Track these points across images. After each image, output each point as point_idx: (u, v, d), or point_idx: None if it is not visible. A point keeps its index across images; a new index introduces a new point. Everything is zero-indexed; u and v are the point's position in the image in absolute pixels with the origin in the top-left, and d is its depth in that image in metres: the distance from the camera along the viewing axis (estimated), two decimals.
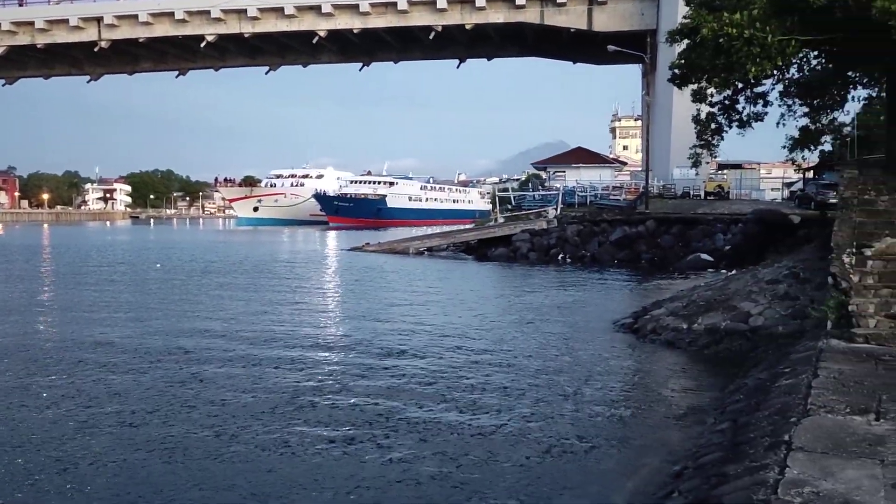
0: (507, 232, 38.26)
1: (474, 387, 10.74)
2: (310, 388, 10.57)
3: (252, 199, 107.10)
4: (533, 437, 8.48)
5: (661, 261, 32.23)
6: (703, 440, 8.12)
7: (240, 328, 15.80)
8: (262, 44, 71.64)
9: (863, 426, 6.60)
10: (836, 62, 16.15)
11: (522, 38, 69.28)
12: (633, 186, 51.65)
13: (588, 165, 60.19)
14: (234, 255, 40.96)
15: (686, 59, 16.83)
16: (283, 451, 7.93)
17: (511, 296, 22.52)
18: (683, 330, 14.47)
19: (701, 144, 19.52)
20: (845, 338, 10.57)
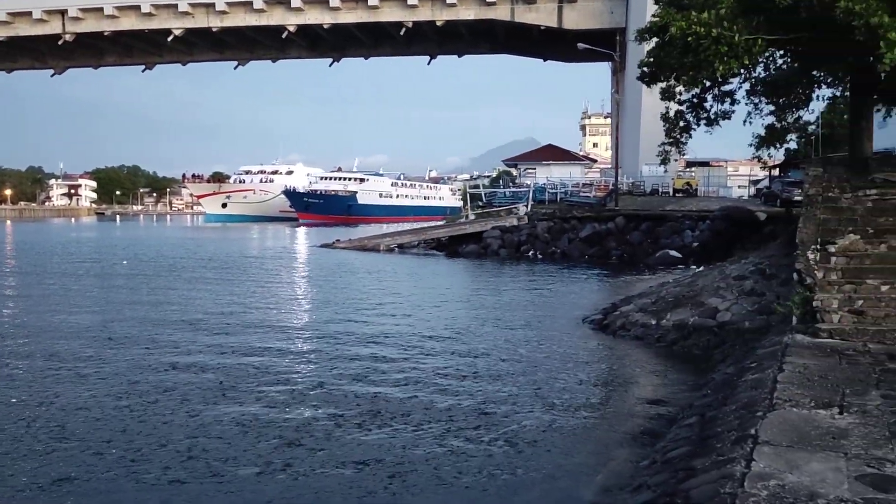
0: (478, 229, 38.32)
1: (444, 382, 10.74)
2: (273, 387, 10.48)
3: (220, 195, 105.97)
4: (502, 431, 8.50)
5: (631, 257, 32.52)
6: (672, 434, 8.20)
7: (205, 324, 15.62)
8: (231, 38, 70.92)
9: (827, 420, 6.71)
10: (802, 61, 16.40)
11: (493, 35, 69.44)
12: (602, 183, 52.06)
13: (558, 162, 60.53)
14: (203, 251, 40.51)
15: (655, 57, 16.97)
16: (243, 447, 7.87)
17: (481, 292, 22.56)
18: (652, 326, 14.62)
19: (669, 142, 19.70)
20: (810, 333, 10.74)
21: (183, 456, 7.66)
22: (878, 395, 7.48)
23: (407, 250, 39.09)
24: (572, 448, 8.02)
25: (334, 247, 42.20)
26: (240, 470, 7.30)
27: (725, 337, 13.41)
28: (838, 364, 9.03)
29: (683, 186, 50.48)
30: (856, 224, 13.18)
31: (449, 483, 7.02)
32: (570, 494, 6.80)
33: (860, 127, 16.60)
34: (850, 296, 11.49)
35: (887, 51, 12.04)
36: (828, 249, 12.52)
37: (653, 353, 13.20)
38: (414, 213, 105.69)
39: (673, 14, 14.66)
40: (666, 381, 11.16)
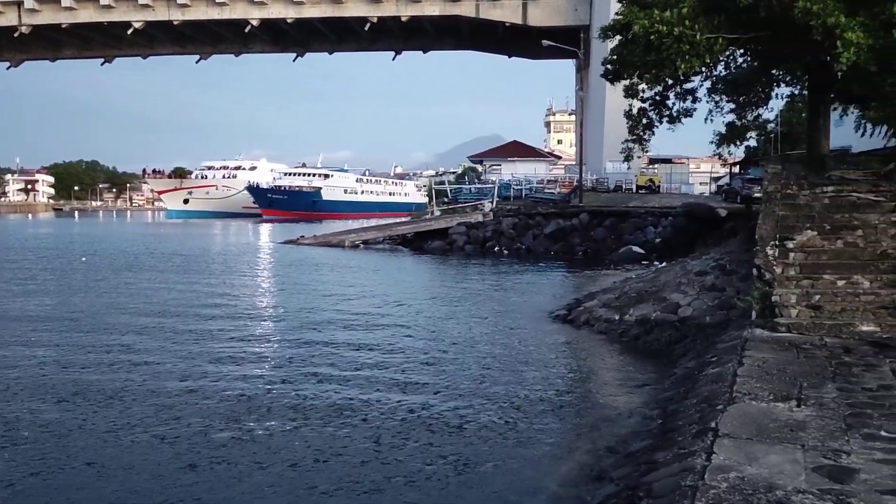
0: (444, 225, 38.33)
1: (409, 377, 10.73)
2: (229, 383, 10.37)
3: (182, 191, 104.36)
4: (468, 424, 8.52)
5: (595, 253, 32.80)
6: (634, 428, 8.30)
7: (164, 322, 15.40)
8: (193, 32, 69.84)
9: (785, 412, 6.83)
10: (761, 60, 16.66)
11: (458, 31, 69.43)
12: (567, 180, 52.41)
13: (523, 159, 60.82)
14: (163, 248, 39.89)
15: (618, 55, 17.11)
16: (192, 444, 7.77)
17: (447, 288, 22.58)
18: (615, 321, 14.76)
19: (632, 139, 19.88)
20: (769, 327, 10.94)
21: (131, 462, 7.53)
22: (835, 388, 7.64)
23: (372, 246, 38.96)
24: (537, 440, 8.06)
25: (298, 243, 41.86)
26: (196, 469, 7.21)
27: (687, 332, 13.60)
28: (796, 358, 9.21)
29: (646, 183, 51.12)
30: (813, 220, 13.44)
31: (414, 476, 7.02)
32: (534, 486, 6.83)
33: (818, 125, 16.94)
34: (808, 291, 11.72)
35: (844, 50, 12.30)
36: (786, 245, 12.76)
37: (616, 348, 13.34)
38: (379, 210, 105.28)
39: (636, 12, 14.78)
40: (629, 375, 11.27)
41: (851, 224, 13.16)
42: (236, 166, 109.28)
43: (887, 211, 13.30)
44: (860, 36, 12.29)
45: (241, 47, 73.50)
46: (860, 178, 14.38)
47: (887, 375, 8.20)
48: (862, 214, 13.35)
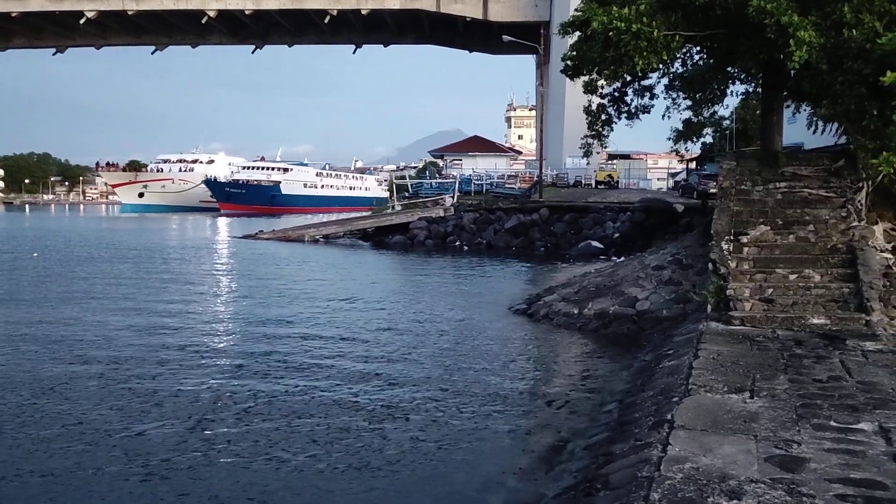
0: (405, 219, 38.26)
1: (367, 370, 10.69)
2: (180, 381, 10.23)
3: (137, 184, 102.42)
4: (426, 419, 8.52)
5: (555, 248, 33.06)
6: (593, 420, 8.38)
7: (116, 318, 15.12)
8: (148, 22, 68.49)
9: (738, 404, 6.97)
10: (717, 58, 16.90)
11: (419, 25, 69.26)
12: (527, 175, 52.73)
13: (484, 154, 61.06)
14: (118, 243, 39.10)
15: (578, 51, 17.19)
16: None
17: (407, 283, 22.55)
18: (574, 315, 14.89)
19: (592, 135, 20.02)
20: (723, 320, 11.15)
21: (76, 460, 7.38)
22: (786, 380, 7.82)
23: (332, 241, 38.73)
24: (496, 434, 8.09)
25: (257, 238, 41.41)
26: (147, 467, 7.10)
27: (644, 325, 13.81)
28: (749, 350, 9.40)
29: (605, 179, 51.72)
30: (766, 215, 13.73)
31: (374, 471, 6.99)
32: (493, 480, 6.86)
33: (771, 122, 17.25)
34: (761, 284, 11.98)
35: (796, 49, 12.55)
36: (740, 240, 13.02)
37: (575, 341, 13.46)
38: (339, 204, 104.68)
39: (595, 9, 14.88)
40: (587, 368, 11.38)
41: (803, 219, 13.48)
42: (193, 160, 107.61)
43: (837, 206, 13.65)
44: (812, 35, 12.55)
45: (197, 38, 72.35)
46: (812, 175, 14.71)
47: (837, 367, 8.42)
48: (813, 210, 13.68)
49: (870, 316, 10.75)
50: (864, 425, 6.26)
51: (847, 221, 13.14)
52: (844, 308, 11.16)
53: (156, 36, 71.54)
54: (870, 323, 10.61)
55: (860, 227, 13.02)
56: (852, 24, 12.61)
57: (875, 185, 14.18)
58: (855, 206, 13.47)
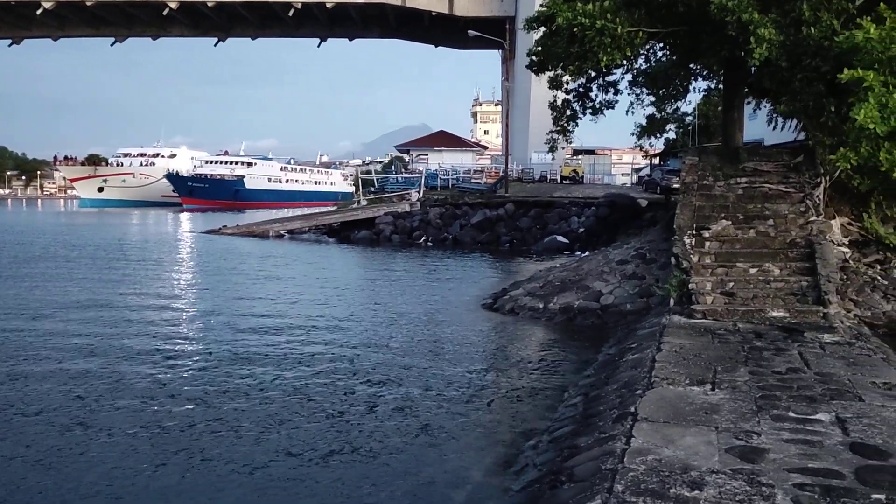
0: (371, 214, 38.10)
1: (333, 366, 10.63)
2: (144, 380, 10.08)
3: (96, 178, 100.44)
4: (391, 414, 8.50)
5: (520, 242, 33.21)
6: (558, 413, 8.44)
7: (73, 316, 14.83)
8: (107, 13, 67.17)
9: (700, 396, 7.07)
10: (679, 54, 17.11)
11: (384, 19, 68.97)
12: (493, 170, 52.90)
13: (450, 149, 61.05)
14: (76, 238, 38.35)
15: (543, 46, 17.27)
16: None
17: (373, 279, 22.47)
18: (540, 309, 14.98)
19: (557, 130, 20.12)
20: (686, 314, 11.30)
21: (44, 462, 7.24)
22: (747, 372, 7.95)
23: (297, 236, 38.41)
24: (462, 429, 8.11)
25: (221, 233, 40.91)
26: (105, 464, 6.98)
27: (609, 319, 13.94)
28: (711, 343, 9.54)
29: (570, 174, 52.12)
30: (728, 210, 13.95)
31: (337, 465, 6.96)
32: (459, 475, 6.87)
33: (732, 118, 17.51)
34: (723, 278, 12.17)
35: (756, 46, 12.75)
36: (702, 234, 13.20)
37: (540, 335, 13.54)
38: (304, 199, 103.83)
39: (560, 4, 14.96)
40: (552, 362, 11.44)
41: (763, 214, 13.73)
42: (154, 154, 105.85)
43: (796, 201, 13.91)
44: (772, 33, 12.77)
45: (158, 30, 71.16)
46: (771, 170, 14.98)
47: (795, 359, 8.58)
48: (773, 205, 13.93)
49: (827, 309, 10.98)
50: (821, 416, 6.39)
51: (805, 216, 13.40)
52: (803, 301, 11.38)
53: (115, 27, 70.17)
54: (827, 315, 10.84)
55: (818, 222, 13.28)
56: (811, 22, 12.87)
57: (832, 181, 14.50)
58: (813, 200, 13.74)
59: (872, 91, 11.30)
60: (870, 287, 12.89)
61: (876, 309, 12.39)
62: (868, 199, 14.53)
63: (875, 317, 12.17)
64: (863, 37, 11.56)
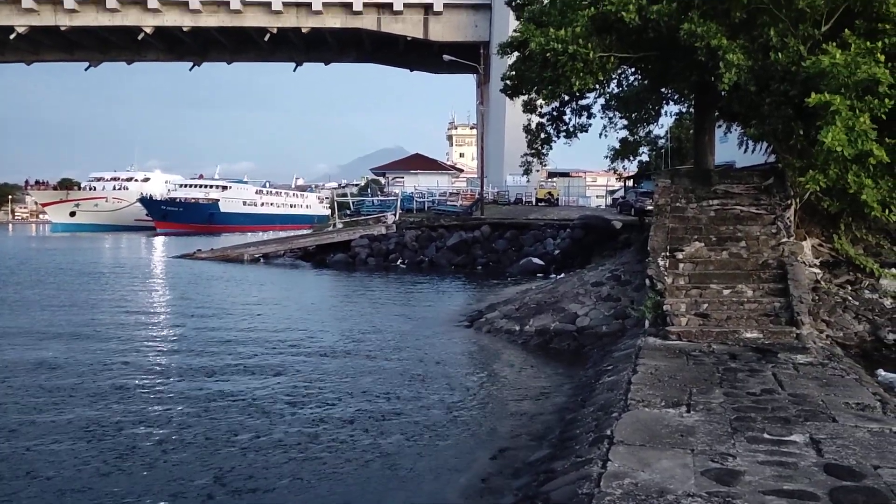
0: (346, 237, 37.99)
1: (307, 389, 10.51)
2: (124, 413, 9.90)
3: (68, 202, 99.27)
4: (366, 437, 8.40)
5: (496, 264, 33.26)
6: (534, 437, 8.40)
7: (43, 343, 14.56)
8: (82, 38, 66.89)
9: (676, 418, 7.07)
10: (651, 79, 17.36)
11: (360, 43, 69.33)
12: (469, 193, 53.08)
13: (426, 172, 61.18)
14: (45, 263, 37.73)
15: (516, 71, 17.45)
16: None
17: (348, 303, 22.32)
18: (516, 331, 14.97)
19: (532, 153, 20.30)
20: (661, 335, 11.35)
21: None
22: (721, 394, 7.98)
23: (272, 260, 38.14)
24: (438, 452, 8.03)
25: (195, 257, 40.47)
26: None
27: (585, 341, 13.95)
28: (686, 364, 9.58)
29: (545, 196, 52.47)
30: (701, 232, 14.09)
31: (308, 492, 6.85)
32: (434, 499, 6.79)
33: (703, 141, 17.76)
34: (696, 300, 12.25)
35: (726, 71, 12.97)
36: (676, 256, 13.31)
37: (516, 358, 13.48)
38: (280, 222, 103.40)
39: (533, 30, 15.13)
40: (530, 384, 11.40)
41: (735, 236, 13.88)
42: (128, 177, 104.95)
43: (767, 223, 14.09)
44: (741, 58, 13.01)
45: (133, 55, 70.91)
46: (743, 192, 15.18)
47: (769, 380, 8.63)
48: (745, 226, 14.10)
49: (800, 329, 11.08)
50: (796, 437, 6.42)
51: (777, 237, 13.57)
52: (776, 322, 11.49)
53: (90, 52, 69.81)
54: (800, 336, 10.94)
55: (789, 243, 13.46)
56: (778, 48, 13.12)
57: (803, 203, 14.72)
58: (784, 222, 13.92)
59: (839, 115, 11.51)
60: (841, 308, 13.05)
61: (848, 329, 12.55)
62: (838, 221, 14.77)
63: (847, 337, 12.32)
64: (829, 62, 11.80)
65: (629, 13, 13.75)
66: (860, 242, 14.76)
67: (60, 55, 70.95)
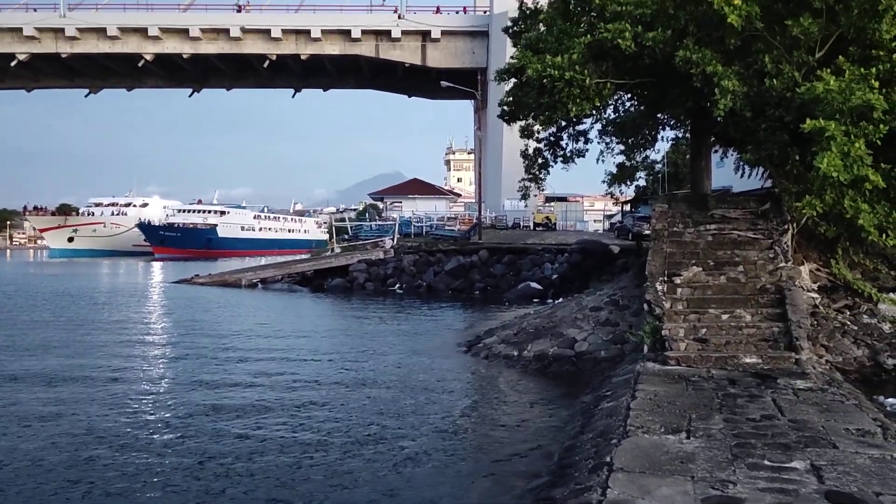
0: (344, 262, 37.97)
1: (305, 415, 10.45)
2: (120, 435, 9.83)
3: (66, 228, 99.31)
4: (365, 464, 8.34)
5: (494, 289, 33.22)
6: (534, 464, 8.34)
7: (44, 366, 14.49)
8: (82, 65, 67.35)
9: (675, 445, 7.03)
10: (647, 105, 17.49)
11: (359, 70, 69.87)
12: (466, 217, 53.21)
13: (424, 196, 61.38)
14: (43, 288, 37.61)
15: (514, 97, 17.59)
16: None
17: (346, 328, 22.26)
18: (514, 357, 14.92)
19: (529, 178, 20.39)
20: (659, 360, 11.31)
21: None
22: (721, 420, 7.94)
23: (270, 286, 38.08)
24: (437, 479, 7.97)
25: (192, 282, 40.38)
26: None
27: (583, 366, 13.91)
28: (685, 390, 9.54)
29: (543, 220, 52.55)
30: (698, 257, 14.10)
31: None
32: None
33: (700, 166, 17.84)
34: (695, 325, 12.22)
35: (721, 97, 13.07)
36: (674, 281, 13.30)
37: (514, 384, 13.42)
38: (278, 247, 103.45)
39: (529, 57, 15.26)
40: (528, 410, 11.34)
41: (733, 260, 13.89)
42: (126, 203, 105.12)
43: (765, 248, 14.11)
44: (736, 84, 13.11)
45: (133, 81, 71.41)
46: (740, 217, 15.22)
47: (769, 406, 8.60)
48: (742, 251, 14.11)
49: (799, 354, 11.05)
50: (796, 463, 6.38)
51: (775, 262, 13.58)
52: (775, 347, 11.46)
53: (90, 79, 70.31)
54: (799, 361, 10.91)
55: (787, 268, 13.46)
56: (773, 74, 13.23)
57: (800, 227, 14.75)
58: (782, 247, 13.94)
59: (835, 140, 11.58)
60: (840, 332, 13.04)
61: (847, 354, 12.52)
62: (835, 246, 14.79)
63: (846, 362, 12.30)
64: (823, 88, 11.89)
65: (625, 40, 13.88)
66: (858, 267, 14.78)
67: (61, 82, 71.44)
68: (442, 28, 63.76)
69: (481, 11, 66.46)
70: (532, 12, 19.12)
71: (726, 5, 12.80)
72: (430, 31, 63.45)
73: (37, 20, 62.13)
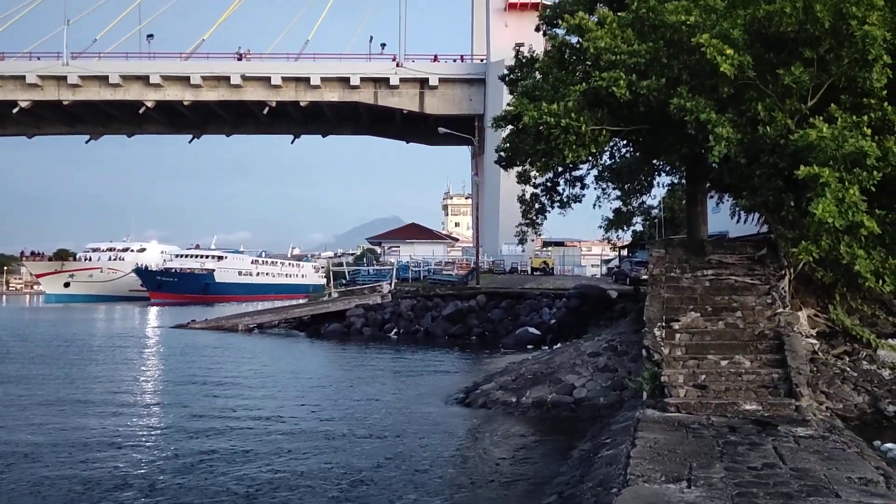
0: (342, 307, 37.85)
1: (299, 465, 10.31)
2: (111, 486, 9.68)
3: (63, 273, 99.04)
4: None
5: (492, 334, 33.06)
6: None
7: (37, 413, 14.33)
8: (83, 112, 67.95)
9: (676, 494, 6.93)
10: (642, 151, 17.68)
11: (357, 116, 70.58)
12: (464, 262, 53.29)
13: (422, 241, 61.51)
14: (37, 334, 37.37)
15: (510, 143, 17.77)
16: None
17: (344, 375, 22.09)
18: (513, 403, 14.79)
19: (526, 223, 20.50)
20: (659, 407, 11.22)
21: None
22: (722, 468, 7.84)
23: (267, 330, 37.88)
24: None
25: (189, 327, 40.20)
26: None
27: (582, 413, 13.78)
28: (685, 437, 9.44)
29: (541, 265, 52.60)
30: (696, 302, 14.08)
31: None
32: None
33: (696, 212, 17.96)
34: (694, 371, 12.15)
35: (715, 144, 13.22)
36: (672, 326, 13.26)
37: (513, 431, 13.28)
38: (275, 292, 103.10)
39: (526, 104, 15.47)
40: (527, 458, 11.21)
41: (731, 306, 13.86)
42: (124, 248, 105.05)
43: (762, 293, 14.10)
44: (730, 131, 13.27)
45: (134, 128, 71.98)
46: (737, 262, 15.25)
47: (770, 454, 8.50)
48: (740, 297, 14.10)
49: (799, 401, 10.97)
50: None
51: (772, 308, 13.56)
52: (775, 393, 11.38)
53: (91, 125, 70.86)
54: (799, 408, 10.82)
55: (785, 314, 13.44)
56: (766, 122, 13.40)
57: (797, 273, 14.77)
58: (779, 292, 13.94)
59: (829, 186, 11.67)
60: (840, 379, 12.97)
61: (847, 401, 12.43)
62: (832, 291, 14.80)
63: (847, 409, 12.21)
64: (816, 135, 12.04)
65: (620, 88, 14.09)
66: (856, 313, 14.77)
67: (62, 128, 71.99)
68: (440, 76, 64.63)
69: (478, 60, 67.48)
70: (528, 61, 19.46)
71: (719, 55, 13.02)
72: (427, 78, 64.31)
73: (40, 68, 62.91)
